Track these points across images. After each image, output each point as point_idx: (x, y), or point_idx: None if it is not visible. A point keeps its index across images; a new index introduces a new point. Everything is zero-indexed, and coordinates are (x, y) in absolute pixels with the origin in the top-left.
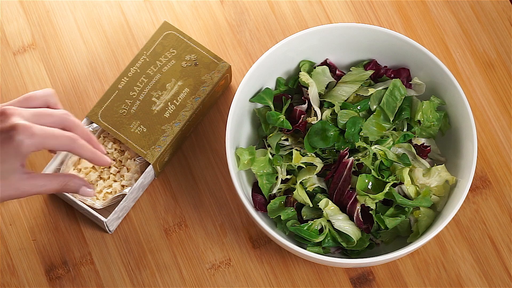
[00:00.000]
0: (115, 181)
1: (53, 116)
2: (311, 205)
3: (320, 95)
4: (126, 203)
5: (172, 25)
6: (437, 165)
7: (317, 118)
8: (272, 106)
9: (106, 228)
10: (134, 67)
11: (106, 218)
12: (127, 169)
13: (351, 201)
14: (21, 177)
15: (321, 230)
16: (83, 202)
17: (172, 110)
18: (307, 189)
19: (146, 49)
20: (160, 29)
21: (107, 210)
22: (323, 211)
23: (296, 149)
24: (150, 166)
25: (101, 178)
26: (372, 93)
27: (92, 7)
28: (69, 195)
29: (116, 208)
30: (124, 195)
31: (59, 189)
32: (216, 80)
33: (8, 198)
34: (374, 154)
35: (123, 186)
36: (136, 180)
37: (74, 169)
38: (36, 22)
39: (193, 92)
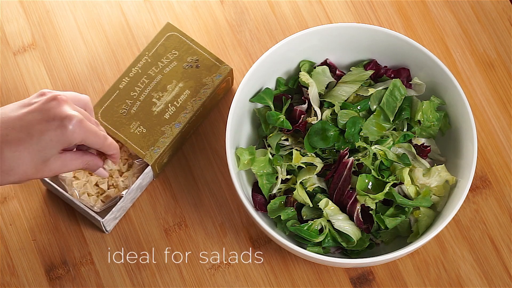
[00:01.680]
0: (113, 182)
1: (91, 119)
2: (311, 205)
3: (320, 95)
4: (124, 203)
5: (175, 27)
6: (437, 165)
7: (317, 118)
8: (272, 106)
9: (103, 228)
10: (135, 68)
11: (103, 218)
12: (126, 169)
13: (351, 201)
14: (58, 157)
15: (321, 230)
16: (82, 203)
17: (172, 112)
18: (307, 189)
19: (148, 49)
20: (163, 30)
21: (104, 210)
22: (323, 211)
23: (296, 149)
24: (149, 167)
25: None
26: (372, 93)
27: (92, 7)
28: (67, 194)
29: (113, 209)
30: (121, 196)
31: (82, 167)
32: (217, 83)
33: (40, 178)
34: (374, 154)
35: (120, 187)
36: (134, 181)
37: (71, 174)
38: (36, 22)
39: (193, 94)
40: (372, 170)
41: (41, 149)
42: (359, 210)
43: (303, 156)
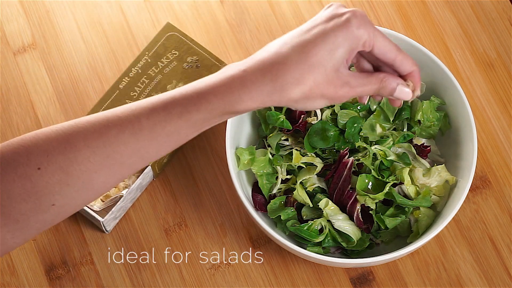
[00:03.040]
0: None
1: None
2: (311, 205)
3: None
4: (124, 203)
5: (175, 27)
6: (437, 165)
7: (317, 118)
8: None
9: (103, 227)
10: (135, 68)
11: (103, 218)
12: None
13: (351, 201)
14: (348, 73)
15: (321, 230)
16: None
17: None
18: (307, 189)
19: (148, 49)
20: (163, 30)
21: (104, 210)
22: (323, 211)
23: (296, 149)
24: (149, 167)
25: None
26: None
27: (92, 7)
28: None
29: (113, 209)
30: (121, 195)
31: (377, 89)
32: None
33: (332, 96)
34: (374, 154)
35: (120, 187)
36: (134, 181)
37: None
38: (36, 22)
39: None
40: (372, 170)
41: (328, 49)
42: (359, 210)
43: (303, 156)
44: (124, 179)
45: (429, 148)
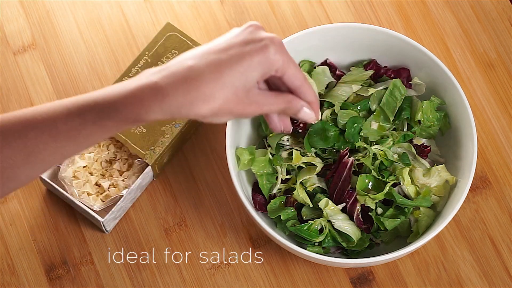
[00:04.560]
0: (112, 181)
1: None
2: (311, 205)
3: (320, 95)
4: (124, 203)
5: (175, 27)
6: (437, 165)
7: None
8: None
9: (103, 227)
10: (135, 68)
11: (103, 218)
12: (126, 169)
13: (351, 201)
14: (258, 92)
15: (321, 230)
16: (82, 202)
17: None
18: (307, 189)
19: (148, 49)
20: (163, 30)
21: (104, 210)
22: (323, 211)
23: (296, 149)
24: (149, 167)
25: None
26: (372, 93)
27: (92, 7)
28: (67, 193)
29: (113, 209)
30: (121, 195)
31: (283, 109)
32: None
33: (240, 113)
34: (374, 154)
35: (120, 187)
36: (134, 181)
37: (71, 173)
38: (36, 22)
39: None
40: (372, 170)
41: (242, 71)
42: (359, 210)
43: (303, 156)
44: (48, 169)
45: (429, 148)
